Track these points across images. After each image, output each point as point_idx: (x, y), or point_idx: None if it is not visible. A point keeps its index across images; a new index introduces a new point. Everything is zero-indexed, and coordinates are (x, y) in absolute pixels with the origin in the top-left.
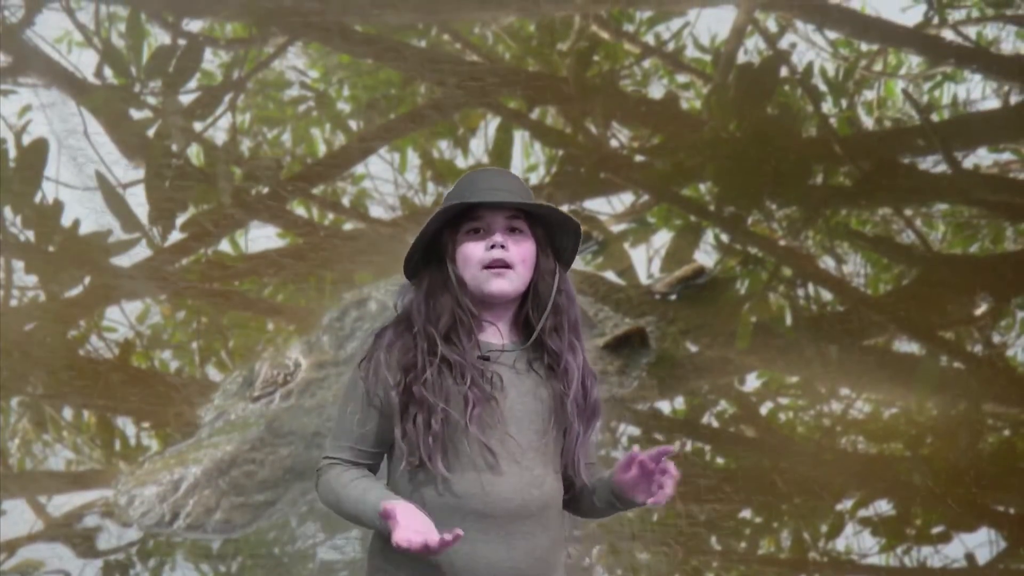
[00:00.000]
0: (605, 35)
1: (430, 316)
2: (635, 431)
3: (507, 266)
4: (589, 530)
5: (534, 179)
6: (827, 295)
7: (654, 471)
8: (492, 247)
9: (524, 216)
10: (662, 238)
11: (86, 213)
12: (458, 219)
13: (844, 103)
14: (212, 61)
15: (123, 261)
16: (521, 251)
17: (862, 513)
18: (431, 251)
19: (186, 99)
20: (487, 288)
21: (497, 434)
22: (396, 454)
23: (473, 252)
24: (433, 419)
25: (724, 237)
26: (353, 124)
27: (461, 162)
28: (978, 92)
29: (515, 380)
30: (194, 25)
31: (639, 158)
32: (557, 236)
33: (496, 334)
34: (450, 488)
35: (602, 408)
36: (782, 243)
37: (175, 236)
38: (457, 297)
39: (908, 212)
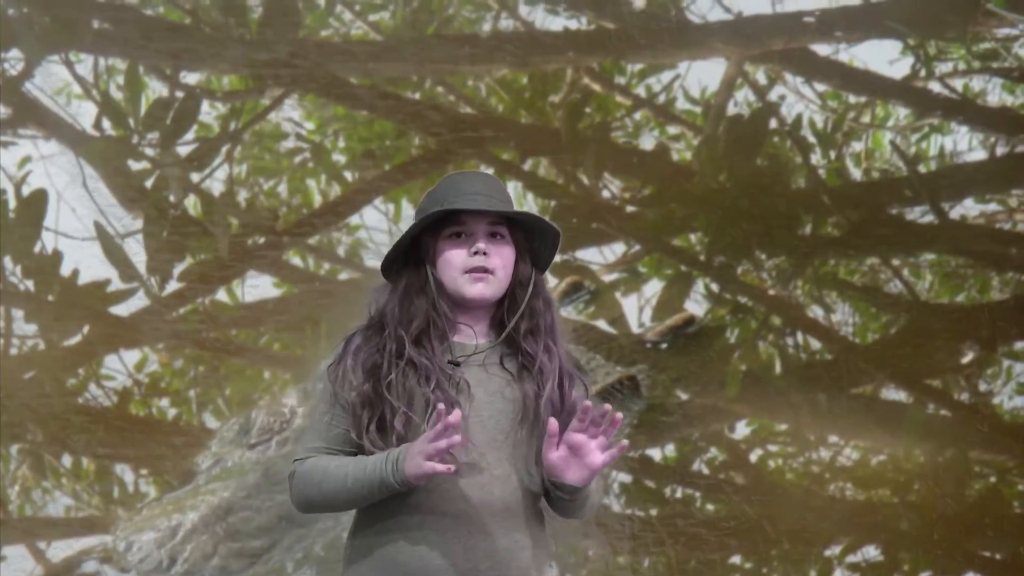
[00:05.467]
0: (597, 87)
1: (402, 318)
2: (626, 478)
3: (488, 271)
4: None
5: None
6: (816, 344)
7: (582, 442)
8: (475, 253)
9: (505, 221)
10: (653, 287)
11: (85, 263)
12: (439, 222)
13: (832, 154)
14: (209, 113)
15: (121, 310)
16: (502, 257)
17: (850, 559)
18: (409, 253)
19: (184, 150)
20: (467, 292)
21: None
22: (365, 454)
23: (455, 257)
24: (396, 420)
25: (714, 286)
26: (348, 175)
27: None
28: (965, 143)
29: (484, 380)
30: (191, 77)
31: (630, 208)
32: (536, 241)
33: (471, 335)
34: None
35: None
36: (771, 292)
37: (173, 285)
38: (434, 300)
39: (896, 262)
